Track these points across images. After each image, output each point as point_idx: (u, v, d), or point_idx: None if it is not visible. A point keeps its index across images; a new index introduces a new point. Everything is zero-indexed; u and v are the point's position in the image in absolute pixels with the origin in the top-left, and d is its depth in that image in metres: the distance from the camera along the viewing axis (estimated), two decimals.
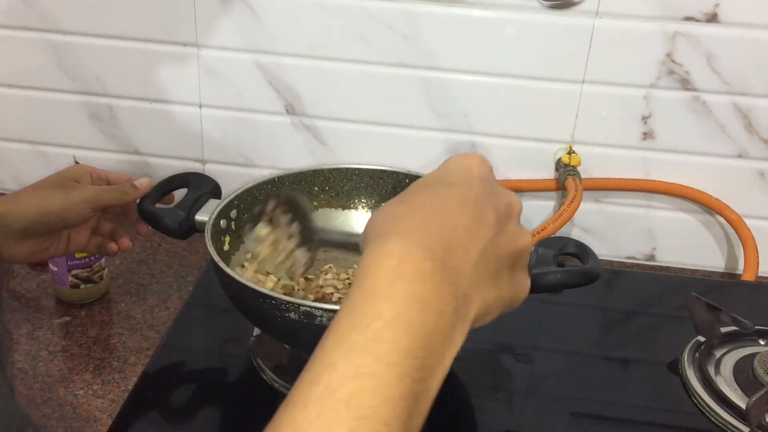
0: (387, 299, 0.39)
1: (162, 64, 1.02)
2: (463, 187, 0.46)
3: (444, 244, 0.42)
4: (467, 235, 0.43)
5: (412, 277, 0.40)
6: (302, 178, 0.91)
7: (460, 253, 0.43)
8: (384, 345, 0.38)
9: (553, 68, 0.96)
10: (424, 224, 0.43)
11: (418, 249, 0.41)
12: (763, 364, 0.80)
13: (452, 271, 0.42)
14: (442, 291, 0.40)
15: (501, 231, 0.46)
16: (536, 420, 0.78)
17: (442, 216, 0.44)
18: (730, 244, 1.04)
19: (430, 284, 0.40)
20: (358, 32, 0.97)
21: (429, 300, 0.40)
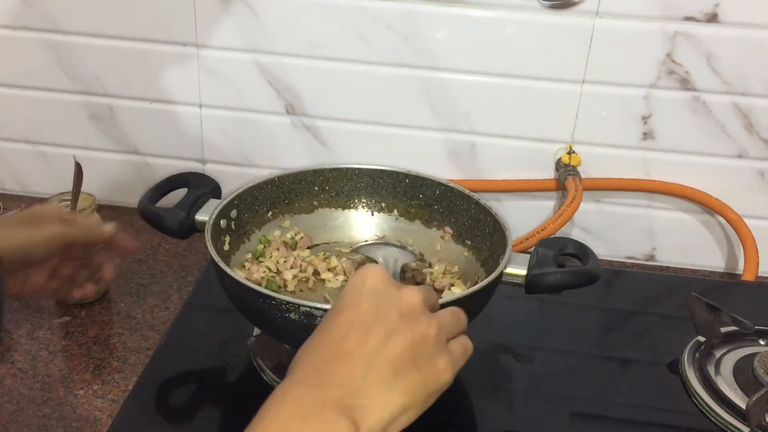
0: (272, 419, 0.47)
1: (162, 64, 1.02)
2: (351, 310, 0.53)
3: (326, 370, 0.50)
4: (350, 355, 0.50)
5: (292, 401, 0.48)
6: (302, 178, 0.91)
7: (343, 372, 0.50)
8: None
9: (553, 68, 0.96)
10: (311, 359, 0.51)
11: (300, 382, 0.50)
12: (763, 364, 0.80)
13: (335, 388, 0.49)
14: (324, 406, 0.47)
15: (392, 335, 0.51)
16: (536, 420, 0.78)
17: (328, 345, 0.52)
18: (730, 244, 1.04)
19: (309, 403, 0.48)
20: (358, 32, 0.97)
21: (310, 414, 0.47)
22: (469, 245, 0.87)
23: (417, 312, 0.53)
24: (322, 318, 0.65)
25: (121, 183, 1.11)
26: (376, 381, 0.50)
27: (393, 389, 0.50)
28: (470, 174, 1.03)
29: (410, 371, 0.51)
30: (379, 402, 0.49)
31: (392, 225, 0.93)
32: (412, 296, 0.54)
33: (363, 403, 0.49)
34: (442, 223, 0.90)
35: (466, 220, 0.87)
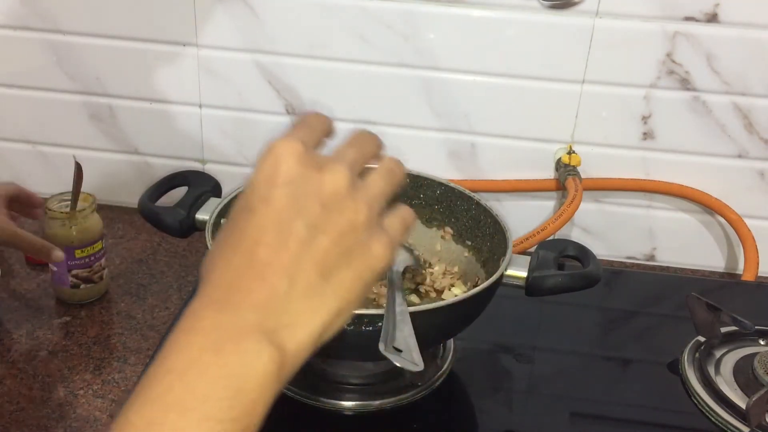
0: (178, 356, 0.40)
1: (162, 64, 1.02)
2: (263, 208, 0.43)
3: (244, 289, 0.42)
4: (267, 266, 0.42)
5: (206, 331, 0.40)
6: None
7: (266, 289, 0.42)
8: (174, 395, 0.38)
9: (553, 68, 0.96)
10: (223, 272, 0.43)
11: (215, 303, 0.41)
12: (763, 364, 0.80)
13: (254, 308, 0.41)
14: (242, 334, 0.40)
15: (315, 232, 0.43)
16: (536, 420, 0.78)
17: (242, 254, 0.43)
18: (730, 244, 1.04)
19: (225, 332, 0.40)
20: (358, 32, 0.97)
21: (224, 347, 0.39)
22: (470, 246, 0.87)
23: (342, 196, 0.44)
24: None
25: (121, 183, 1.11)
26: (302, 292, 0.42)
27: (322, 295, 0.42)
28: (470, 174, 1.03)
29: (341, 269, 0.43)
30: (307, 315, 0.42)
31: None
32: (335, 179, 0.44)
33: (288, 322, 0.41)
34: (443, 223, 0.90)
35: (467, 220, 0.87)
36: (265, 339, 0.40)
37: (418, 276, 0.85)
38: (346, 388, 0.78)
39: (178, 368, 0.39)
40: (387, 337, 0.63)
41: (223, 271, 0.43)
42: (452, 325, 0.74)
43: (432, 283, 0.84)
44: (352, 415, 0.76)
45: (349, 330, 0.66)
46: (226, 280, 0.42)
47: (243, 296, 0.41)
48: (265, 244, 0.42)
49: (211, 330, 0.40)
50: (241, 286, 0.42)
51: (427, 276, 0.85)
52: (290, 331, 0.41)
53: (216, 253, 0.44)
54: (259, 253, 0.42)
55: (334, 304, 0.43)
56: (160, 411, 0.38)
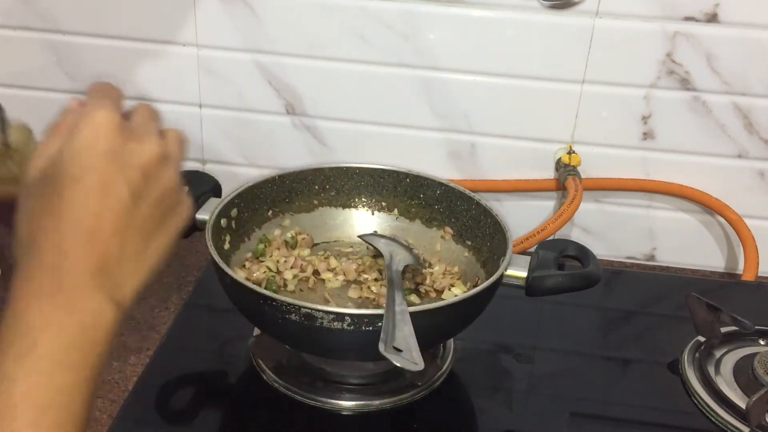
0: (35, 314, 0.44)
1: (162, 65, 1.02)
2: (89, 177, 0.46)
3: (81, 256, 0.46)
4: (101, 236, 0.46)
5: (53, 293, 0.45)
6: (303, 177, 0.91)
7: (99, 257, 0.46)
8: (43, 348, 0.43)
9: (553, 68, 0.96)
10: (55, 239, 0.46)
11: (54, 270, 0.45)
12: (763, 364, 0.80)
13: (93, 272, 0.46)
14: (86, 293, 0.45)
15: (138, 198, 0.48)
16: (536, 420, 0.78)
17: (69, 221, 0.46)
18: (730, 244, 1.04)
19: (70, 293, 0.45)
20: (358, 32, 0.97)
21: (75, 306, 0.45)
22: (470, 245, 0.87)
23: (157, 166, 0.50)
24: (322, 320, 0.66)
25: None
26: (131, 255, 0.48)
27: (145, 254, 0.50)
28: (470, 174, 1.03)
29: (158, 231, 0.51)
30: (134, 273, 0.49)
31: (392, 224, 0.93)
32: (152, 150, 0.50)
33: (121, 281, 0.48)
34: (443, 223, 0.90)
35: (467, 220, 0.87)
36: (105, 298, 0.46)
37: (418, 276, 0.85)
38: (346, 388, 0.78)
39: (37, 325, 0.44)
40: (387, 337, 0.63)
41: (57, 237, 0.46)
42: (452, 325, 0.74)
43: (432, 283, 0.84)
44: (352, 415, 0.76)
45: (349, 330, 0.66)
46: (62, 248, 0.46)
47: (83, 263, 0.46)
48: (94, 214, 0.46)
49: (56, 293, 0.45)
50: (78, 253, 0.46)
51: (427, 276, 0.85)
52: (123, 288, 0.48)
53: (43, 219, 0.46)
54: (90, 222, 0.46)
55: (154, 260, 0.51)
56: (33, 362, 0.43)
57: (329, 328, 0.66)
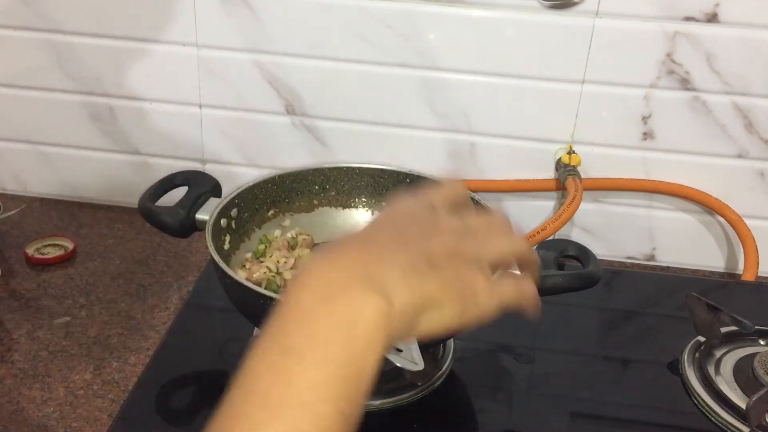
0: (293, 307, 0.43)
1: (162, 64, 1.02)
2: (382, 220, 0.51)
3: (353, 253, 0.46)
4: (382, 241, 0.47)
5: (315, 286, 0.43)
6: (303, 177, 0.91)
7: (377, 252, 0.46)
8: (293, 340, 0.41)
9: (553, 68, 0.96)
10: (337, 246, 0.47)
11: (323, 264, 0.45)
12: (763, 364, 0.80)
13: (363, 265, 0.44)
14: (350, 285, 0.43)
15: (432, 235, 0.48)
16: (536, 420, 0.78)
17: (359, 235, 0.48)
18: (730, 244, 1.04)
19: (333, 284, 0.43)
20: (358, 32, 0.97)
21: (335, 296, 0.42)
22: None
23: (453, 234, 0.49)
24: None
25: (121, 183, 1.11)
26: (409, 264, 0.45)
27: (426, 275, 0.45)
28: (470, 174, 1.03)
29: (447, 269, 0.46)
30: (410, 282, 0.44)
31: None
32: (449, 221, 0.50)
33: (393, 283, 0.43)
34: None
35: None
36: (371, 288, 0.42)
37: None
38: None
39: (293, 318, 0.42)
40: None
41: (338, 246, 0.47)
42: None
43: None
44: None
45: None
46: (339, 250, 0.46)
47: (354, 258, 0.45)
48: (381, 233, 0.48)
49: (319, 285, 0.43)
50: (354, 252, 0.46)
51: None
52: (394, 290, 0.43)
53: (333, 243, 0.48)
54: (376, 238, 0.47)
55: (435, 288, 0.45)
56: (279, 355, 0.41)
57: None
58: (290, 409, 0.39)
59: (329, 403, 0.39)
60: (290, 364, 0.40)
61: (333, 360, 0.40)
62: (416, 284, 0.45)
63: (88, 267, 0.99)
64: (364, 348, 0.41)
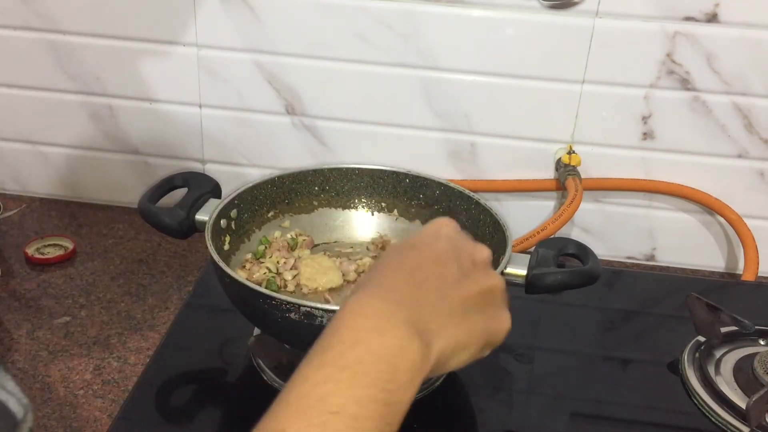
0: (349, 330, 0.47)
1: (162, 64, 1.02)
2: (425, 248, 0.55)
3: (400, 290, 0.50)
4: (424, 282, 0.51)
5: (369, 314, 0.48)
6: (302, 178, 0.91)
7: (417, 296, 0.50)
8: (348, 360, 0.45)
9: (553, 68, 0.96)
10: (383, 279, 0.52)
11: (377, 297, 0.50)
12: (763, 364, 0.80)
13: (411, 310, 0.49)
14: (400, 323, 0.48)
15: (465, 277, 0.53)
16: (536, 420, 0.78)
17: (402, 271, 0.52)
18: (730, 244, 1.04)
19: (385, 317, 0.48)
20: (358, 32, 0.97)
21: (387, 329, 0.47)
22: None
23: (488, 265, 0.57)
24: (322, 318, 0.66)
25: (121, 183, 1.11)
26: (447, 311, 0.51)
27: (460, 324, 0.51)
28: (470, 174, 1.03)
29: (477, 314, 0.53)
30: (447, 331, 0.50)
31: (392, 225, 0.93)
32: (483, 249, 0.57)
33: (433, 329, 0.49)
34: None
35: (466, 220, 0.87)
36: (416, 333, 0.48)
37: None
38: None
39: (348, 340, 0.46)
40: None
41: (385, 279, 0.52)
42: None
43: None
44: None
45: None
46: (387, 284, 0.51)
47: (402, 297, 0.50)
48: (426, 270, 0.52)
49: (373, 315, 0.48)
50: (402, 290, 0.51)
51: None
52: (434, 336, 0.49)
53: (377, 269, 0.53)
54: (419, 273, 0.52)
55: (465, 337, 0.52)
56: (335, 370, 0.44)
57: None
58: (343, 418, 0.42)
59: (373, 422, 0.43)
60: (345, 379, 0.44)
61: (380, 385, 0.44)
62: (451, 334, 0.51)
63: (88, 267, 0.99)
64: (406, 382, 0.46)
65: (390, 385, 0.45)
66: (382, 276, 0.52)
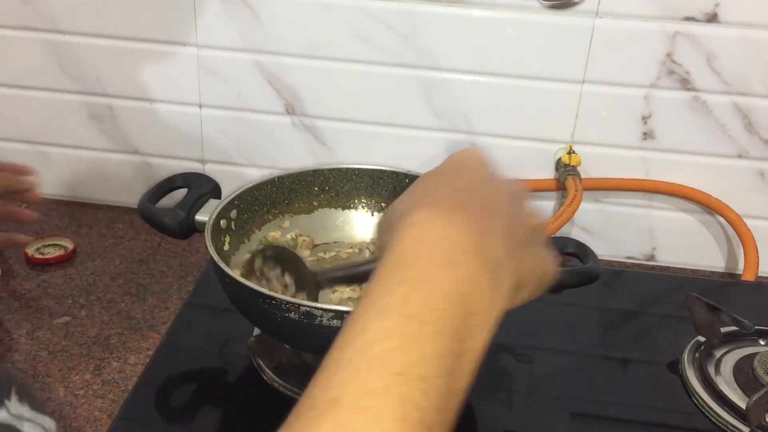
0: (412, 265, 0.40)
1: (162, 65, 1.02)
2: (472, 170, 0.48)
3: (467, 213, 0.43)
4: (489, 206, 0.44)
5: (436, 241, 0.40)
6: (302, 178, 0.91)
7: (486, 220, 0.43)
8: (414, 306, 0.38)
9: (553, 68, 0.96)
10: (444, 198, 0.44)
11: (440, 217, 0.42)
12: (763, 364, 0.80)
13: (478, 234, 0.42)
14: (470, 252, 0.41)
15: (519, 207, 0.47)
16: (536, 420, 0.78)
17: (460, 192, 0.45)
18: (730, 244, 1.04)
19: (455, 246, 0.40)
20: (358, 32, 0.97)
21: (457, 262, 0.40)
22: None
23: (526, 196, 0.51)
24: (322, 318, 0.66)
25: (121, 183, 1.11)
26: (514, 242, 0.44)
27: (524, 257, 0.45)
28: None
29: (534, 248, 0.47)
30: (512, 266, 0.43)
31: None
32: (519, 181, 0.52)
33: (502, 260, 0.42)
34: None
35: None
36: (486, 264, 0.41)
37: None
38: None
39: (412, 278, 0.39)
40: None
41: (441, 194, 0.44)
42: None
43: None
44: None
45: None
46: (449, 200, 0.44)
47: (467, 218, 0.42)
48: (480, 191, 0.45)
49: (439, 241, 0.40)
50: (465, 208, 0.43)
51: None
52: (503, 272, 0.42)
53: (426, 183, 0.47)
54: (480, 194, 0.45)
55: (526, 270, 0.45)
56: (399, 321, 0.37)
57: (329, 326, 0.66)
58: (409, 380, 0.36)
59: (441, 379, 0.37)
60: (410, 332, 0.37)
61: (450, 334, 0.38)
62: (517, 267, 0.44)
63: (88, 267, 0.99)
64: (480, 326, 0.40)
65: (461, 332, 0.39)
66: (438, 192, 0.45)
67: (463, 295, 0.39)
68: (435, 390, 0.36)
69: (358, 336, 0.37)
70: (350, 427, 0.34)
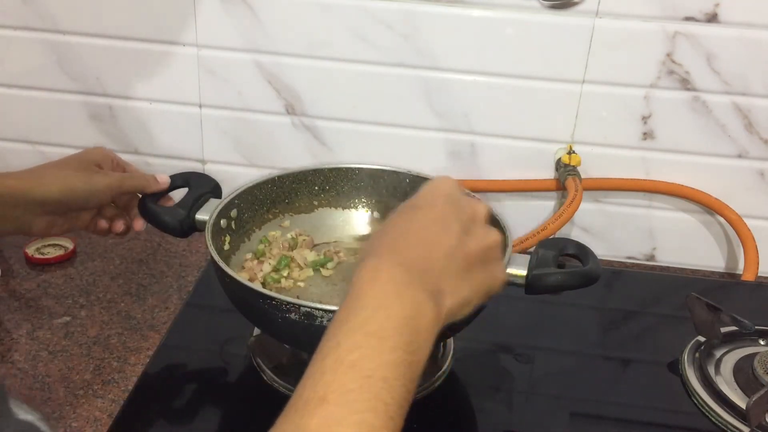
0: (368, 297, 0.50)
1: (162, 64, 1.02)
2: (428, 208, 0.58)
3: (411, 255, 0.54)
4: (432, 245, 0.55)
5: (386, 280, 0.51)
6: (302, 178, 0.91)
7: (426, 259, 0.54)
8: (373, 326, 0.48)
9: (553, 68, 0.96)
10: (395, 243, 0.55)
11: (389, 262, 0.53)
12: (763, 364, 0.80)
13: (420, 272, 0.52)
14: (413, 287, 0.51)
15: (466, 235, 0.56)
16: (536, 420, 0.78)
17: (410, 234, 0.56)
18: (730, 244, 1.04)
19: (400, 284, 0.51)
20: (358, 32, 0.97)
21: (403, 294, 0.51)
22: None
23: (485, 221, 0.60)
24: (322, 318, 0.66)
25: None
26: (454, 272, 0.55)
27: (464, 281, 0.55)
28: (470, 174, 1.03)
29: (479, 269, 0.57)
30: (453, 290, 0.54)
31: None
32: (482, 207, 0.60)
33: (442, 289, 0.53)
34: None
35: None
36: (429, 296, 0.52)
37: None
38: None
39: (370, 306, 0.50)
40: None
41: (393, 242, 0.55)
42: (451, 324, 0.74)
43: None
44: None
45: None
46: (396, 248, 0.54)
47: (412, 261, 0.53)
48: (431, 231, 0.56)
49: (390, 281, 0.51)
50: (410, 253, 0.54)
51: None
52: (442, 297, 0.53)
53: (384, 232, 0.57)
54: (425, 235, 0.55)
55: (468, 293, 0.56)
56: (363, 337, 0.48)
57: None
58: (375, 381, 0.46)
59: (400, 381, 0.47)
60: (372, 345, 0.47)
61: (403, 347, 0.48)
62: (459, 291, 0.55)
63: (88, 267, 0.99)
64: (425, 342, 0.50)
65: (411, 346, 0.49)
66: (392, 240, 0.55)
67: (410, 318, 0.50)
68: (395, 389, 0.46)
69: (333, 349, 0.47)
70: (337, 417, 0.44)
